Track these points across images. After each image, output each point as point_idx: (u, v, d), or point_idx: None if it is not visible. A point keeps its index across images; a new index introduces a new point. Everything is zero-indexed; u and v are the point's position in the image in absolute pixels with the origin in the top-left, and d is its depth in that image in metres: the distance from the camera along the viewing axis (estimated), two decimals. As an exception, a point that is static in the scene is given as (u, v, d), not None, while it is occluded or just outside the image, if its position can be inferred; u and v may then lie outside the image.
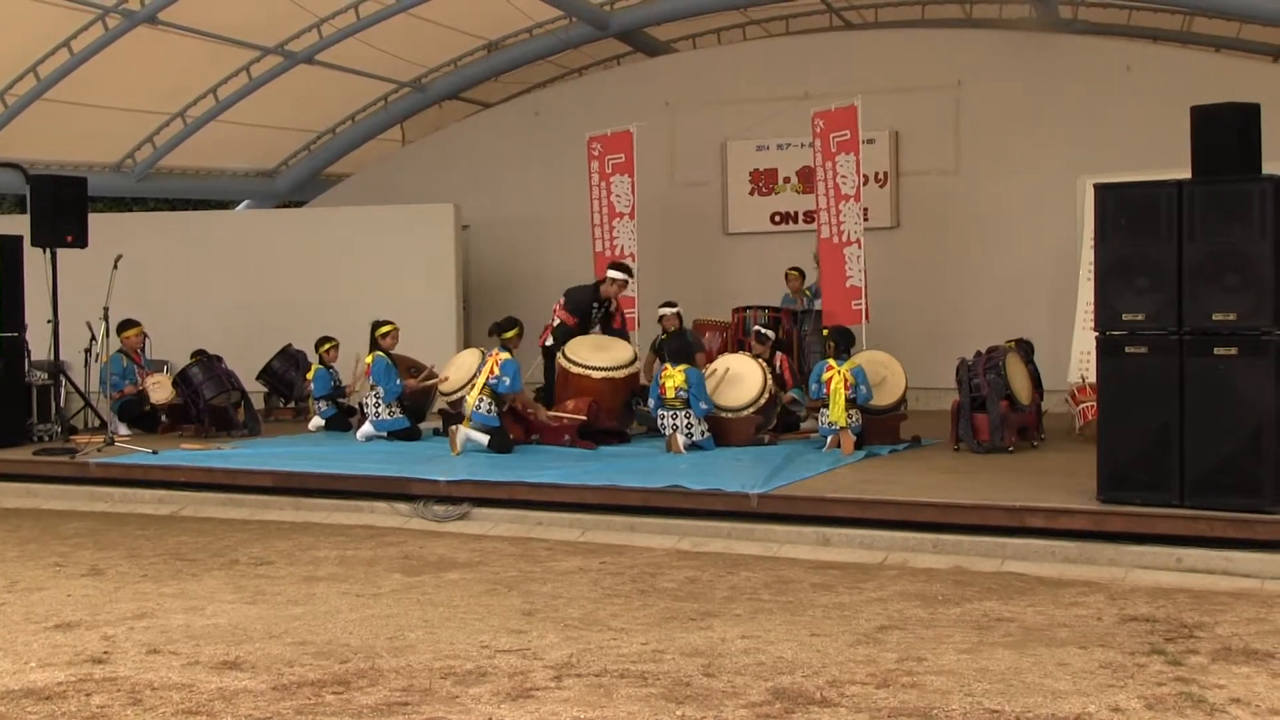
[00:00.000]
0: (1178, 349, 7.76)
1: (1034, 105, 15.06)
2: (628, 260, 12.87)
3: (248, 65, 16.07)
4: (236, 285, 16.17)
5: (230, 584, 7.57)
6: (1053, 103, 14.96)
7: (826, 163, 13.77)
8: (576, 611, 6.76)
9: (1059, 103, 14.91)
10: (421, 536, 9.11)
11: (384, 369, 12.29)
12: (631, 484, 9.38)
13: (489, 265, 17.41)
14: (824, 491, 8.90)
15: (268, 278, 16.13)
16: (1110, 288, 8.02)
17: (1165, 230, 7.80)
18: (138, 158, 17.27)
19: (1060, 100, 14.92)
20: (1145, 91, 14.35)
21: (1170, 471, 7.76)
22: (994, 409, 10.74)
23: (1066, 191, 13.16)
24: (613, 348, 12.17)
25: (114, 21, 13.99)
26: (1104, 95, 14.68)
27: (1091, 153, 14.05)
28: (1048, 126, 14.93)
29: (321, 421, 13.21)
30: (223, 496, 10.43)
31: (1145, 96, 14.28)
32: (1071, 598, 6.97)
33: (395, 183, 17.91)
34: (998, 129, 15.23)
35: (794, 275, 14.47)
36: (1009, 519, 8.13)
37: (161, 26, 14.24)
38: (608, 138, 14.97)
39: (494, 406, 11.13)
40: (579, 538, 8.95)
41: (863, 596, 7.06)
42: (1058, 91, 14.96)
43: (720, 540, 8.66)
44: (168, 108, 16.54)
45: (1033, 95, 15.09)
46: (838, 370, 10.78)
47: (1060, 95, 14.93)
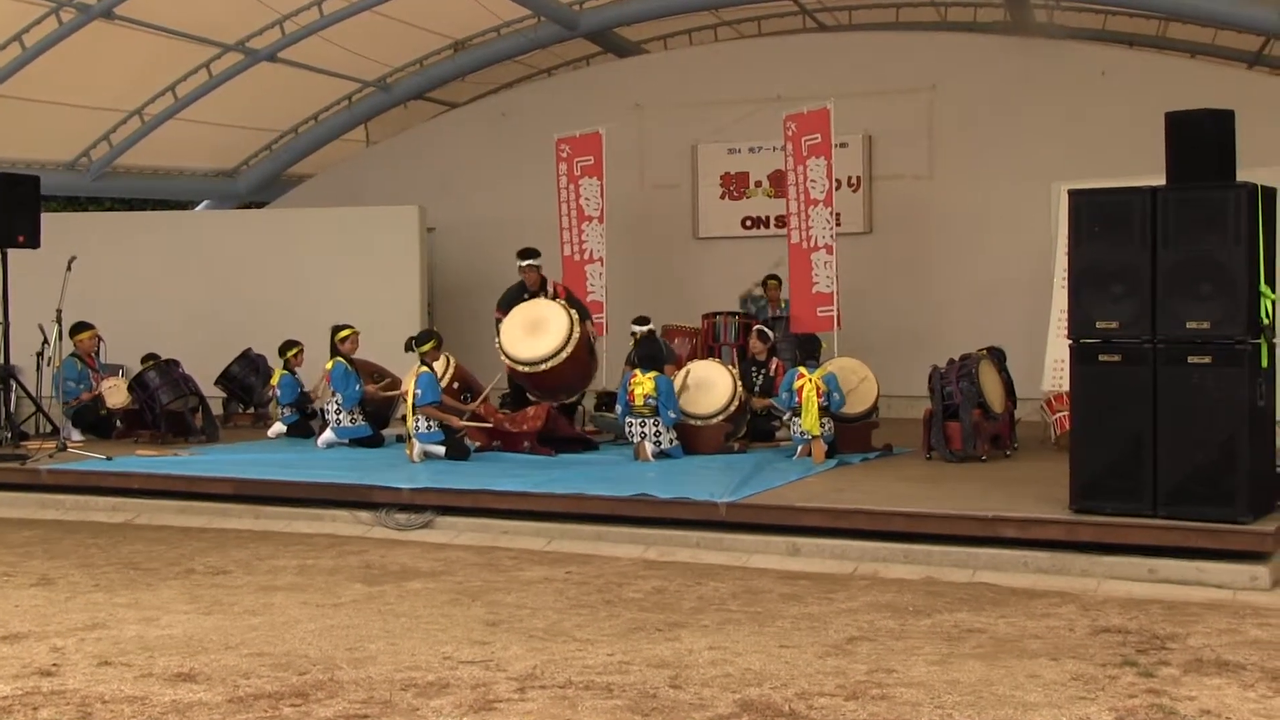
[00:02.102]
0: (1151, 357, 7.82)
1: (1009, 110, 15.14)
2: (533, 246, 12.91)
3: (208, 62, 15.99)
4: (195, 288, 16.08)
5: (186, 594, 7.53)
6: (1028, 107, 15.05)
7: (798, 166, 13.81)
8: (541, 622, 6.76)
9: (1034, 107, 15.00)
10: (383, 545, 9.09)
11: (342, 374, 12.26)
12: (598, 492, 9.38)
13: (454, 269, 17.37)
14: (794, 500, 8.92)
15: (227, 280, 16.04)
16: (1084, 295, 8.07)
17: (1139, 237, 7.86)
18: (93, 156, 17.15)
19: (1035, 105, 15.01)
20: (1120, 97, 14.44)
21: (1143, 481, 7.81)
22: (967, 417, 10.79)
23: (1041, 197, 13.22)
24: (546, 326, 11.84)
25: (68, 16, 13.89)
26: (1079, 100, 14.77)
27: (1066, 158, 14.12)
28: (1022, 131, 15.01)
29: (282, 428, 13.15)
30: (179, 504, 10.38)
31: (1120, 102, 14.37)
32: (1044, 609, 7.01)
33: (359, 184, 17.84)
34: (972, 133, 15.30)
35: (774, 285, 14.48)
36: (981, 529, 8.17)
37: (118, 21, 14.15)
38: (576, 140, 14.97)
39: (431, 423, 11.17)
40: (544, 547, 8.94)
41: (832, 607, 7.08)
42: (1033, 96, 15.04)
43: (688, 550, 8.67)
44: (125, 105, 16.44)
45: (1008, 100, 15.17)
46: (809, 378, 10.81)
47: (1035, 100, 15.02)
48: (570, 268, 14.89)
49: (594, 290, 14.78)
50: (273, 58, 15.98)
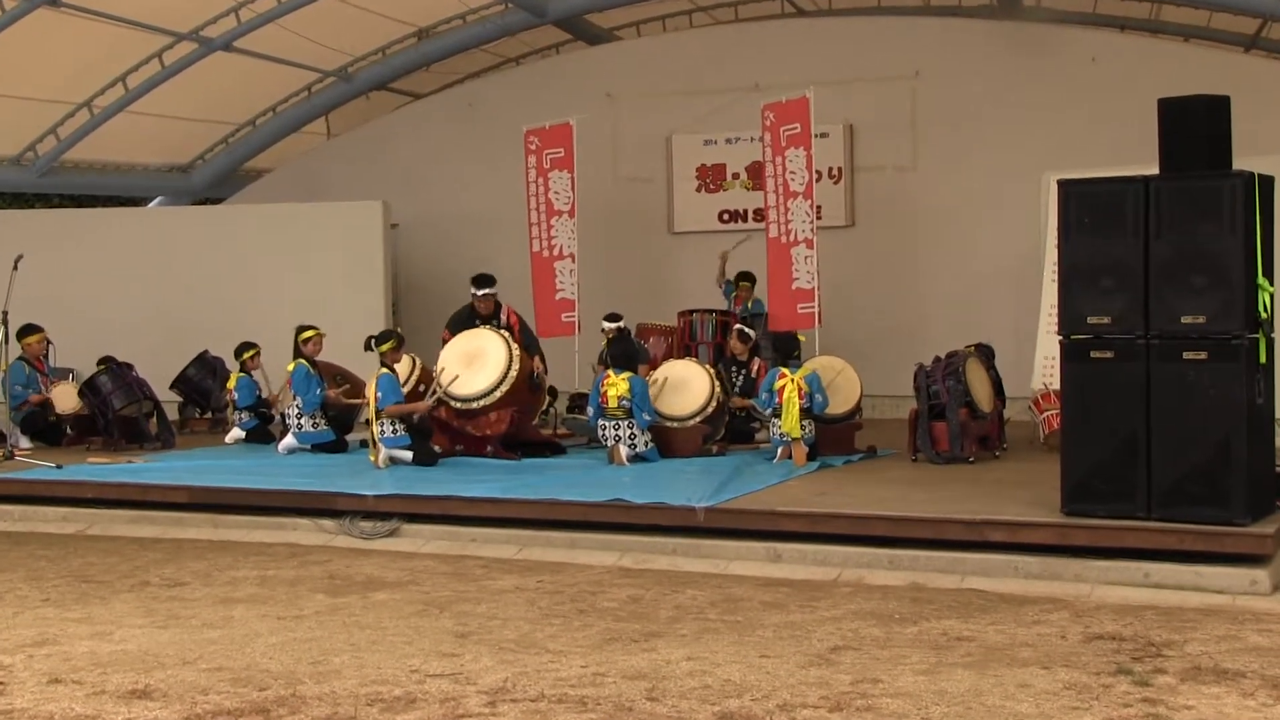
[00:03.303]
0: (1144, 353, 7.85)
1: (995, 98, 15.18)
2: (489, 273, 12.77)
3: (160, 52, 15.90)
4: (148, 288, 16.00)
5: (141, 607, 7.50)
6: (1015, 95, 15.08)
7: (776, 158, 13.82)
8: (512, 633, 6.75)
9: (1021, 95, 15.03)
10: (347, 555, 9.07)
11: (304, 377, 12.21)
12: (571, 498, 9.38)
13: (419, 266, 17.33)
14: (774, 505, 8.93)
15: (182, 280, 15.97)
16: (1074, 289, 8.10)
17: (1131, 229, 7.88)
18: (40, 151, 17.04)
19: (1023, 92, 15.04)
20: (1111, 83, 14.49)
21: (1137, 482, 7.84)
22: (953, 417, 10.81)
23: (1029, 188, 13.25)
24: (483, 358, 11.65)
25: (12, 3, 13.79)
26: (1068, 87, 14.81)
27: (1055, 148, 14.16)
28: (1010, 120, 15.04)
29: (241, 433, 13.10)
30: (133, 514, 10.33)
31: (1111, 89, 14.42)
32: (1034, 615, 7.02)
33: (319, 178, 17.78)
34: (957, 123, 15.32)
35: (745, 287, 14.43)
36: (969, 533, 8.19)
37: (65, 9, 14.06)
38: (546, 131, 14.95)
39: (398, 426, 11.14)
40: (515, 555, 8.93)
41: (815, 615, 7.09)
42: (1020, 83, 15.08)
43: (665, 557, 8.67)
44: (72, 97, 16.35)
45: (994, 87, 15.20)
46: (790, 378, 10.81)
47: (1023, 87, 15.05)
48: (540, 264, 14.88)
49: (564, 288, 14.78)
50: (228, 47, 15.91)
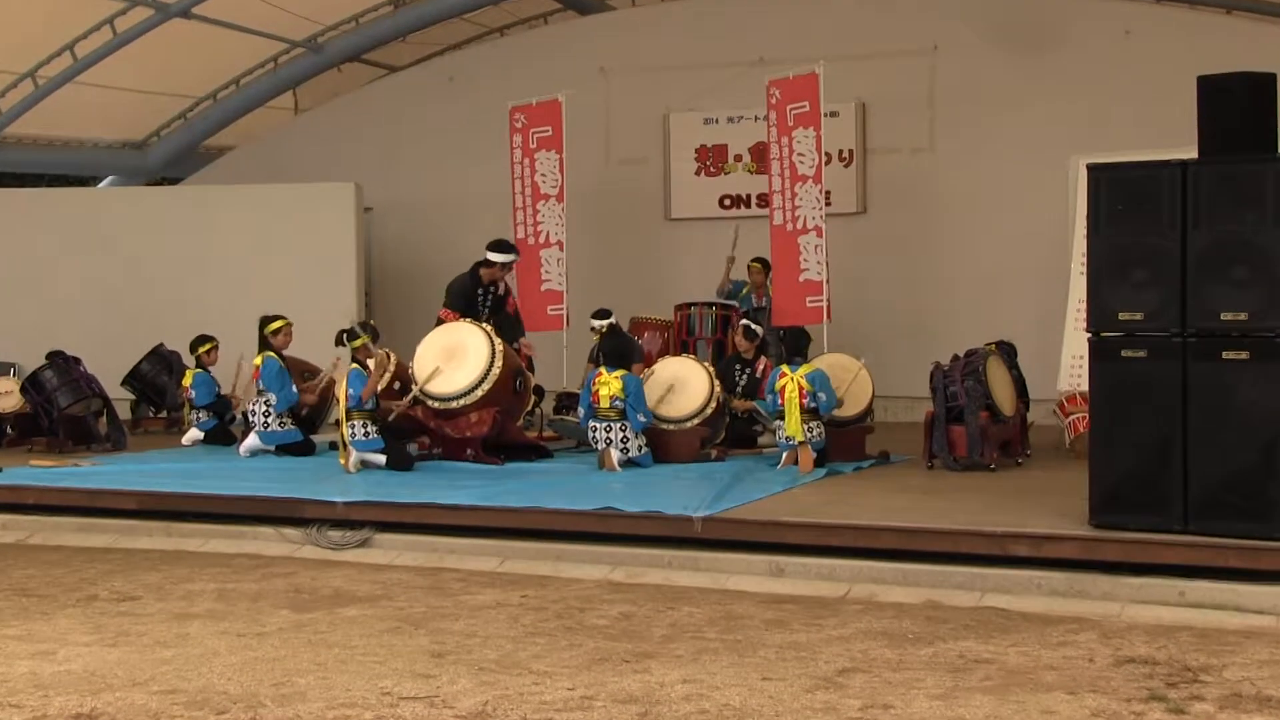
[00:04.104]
0: (1180, 352, 7.83)
1: (1020, 74, 15.16)
2: (510, 239, 12.86)
3: (111, 18, 15.85)
4: (99, 275, 15.98)
5: (87, 623, 7.48)
6: (1041, 72, 15.06)
7: (782, 138, 13.80)
8: (493, 653, 6.74)
9: (1049, 72, 15.02)
10: (315, 566, 9.06)
11: (276, 372, 12.20)
12: (558, 506, 9.38)
13: (395, 253, 17.31)
14: (778, 514, 8.92)
15: (137, 267, 15.94)
16: (1104, 283, 8.09)
17: (1167, 217, 7.87)
18: (-22, 126, 17.04)
19: (1050, 69, 15.03)
20: (1146, 59, 14.48)
21: (1172, 492, 7.83)
22: (973, 421, 10.81)
23: (1057, 173, 13.26)
24: (463, 354, 11.65)
25: (-49, -33, 13.80)
26: (1100, 63, 14.81)
27: (1085, 129, 14.16)
28: (1036, 99, 15.03)
29: (199, 434, 13.10)
30: (80, 521, 10.31)
31: (1146, 65, 14.41)
32: (1060, 636, 7.02)
33: (287, 158, 17.75)
34: (979, 101, 15.31)
35: (756, 268, 14.44)
36: (989, 546, 8.18)
37: (9, -27, 14.06)
38: (532, 108, 14.93)
39: (369, 427, 11.12)
40: (497, 567, 8.92)
41: (822, 635, 7.08)
42: (1047, 59, 15.06)
43: (659, 570, 8.66)
44: (15, 67, 16.31)
45: (1019, 63, 15.19)
46: (790, 377, 10.80)
47: (1050, 63, 15.04)
48: (525, 252, 14.82)
49: (551, 278, 14.75)
50: (186, 14, 15.86)
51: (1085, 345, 8.42)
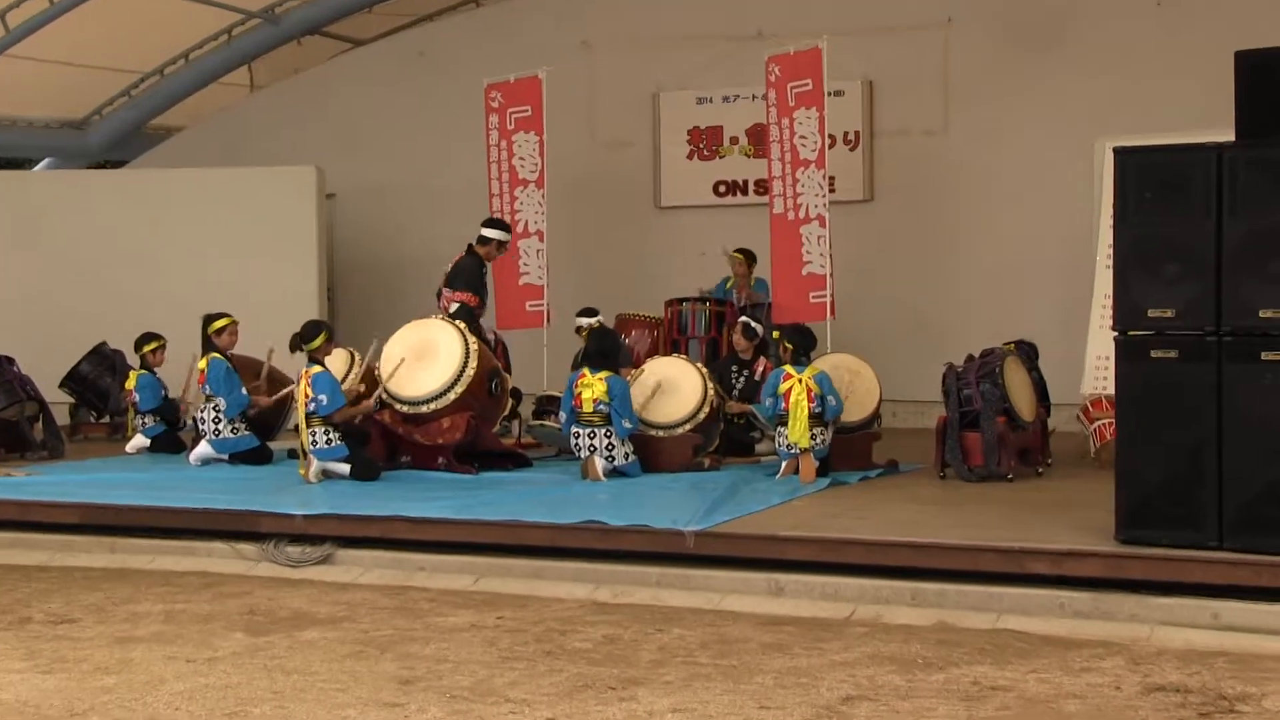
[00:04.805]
0: (1215, 352, 7.84)
1: (1042, 50, 15.19)
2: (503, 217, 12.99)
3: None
4: (34, 267, 15.97)
5: (20, 648, 7.46)
6: (1065, 47, 15.10)
7: (783, 119, 13.83)
8: (466, 679, 6.74)
9: (1073, 47, 15.06)
10: (271, 585, 9.04)
11: (224, 375, 12.16)
12: (537, 519, 9.36)
13: (360, 243, 17.32)
14: (777, 529, 8.92)
15: (76, 258, 15.94)
16: (1132, 277, 8.09)
17: (1201, 205, 7.87)
18: (-97, 103, 17.03)
19: (1074, 44, 15.07)
20: (1179, 32, 14.52)
21: (1205, 505, 7.83)
22: (989, 427, 10.82)
23: (1081, 158, 13.28)
24: (434, 353, 11.63)
25: None
26: (1128, 37, 14.84)
27: (1112, 109, 14.20)
28: (1058, 76, 15.06)
29: (145, 441, 13.09)
30: (13, 536, 10.29)
31: (1179, 39, 14.45)
32: (1083, 662, 7.03)
33: (242, 139, 17.77)
34: (996, 79, 15.35)
35: (739, 259, 14.46)
36: (1006, 563, 8.18)
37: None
38: (510, 85, 14.95)
39: (332, 434, 11.12)
40: (470, 586, 8.92)
41: (824, 660, 7.09)
42: (1071, 33, 15.10)
43: (647, 589, 8.65)
44: (-59, 38, 16.31)
45: (1040, 37, 15.22)
46: (798, 379, 10.81)
47: (1074, 37, 15.08)
48: (502, 244, 14.86)
49: (530, 271, 14.77)
50: (132, -20, 15.88)
51: (1111, 345, 8.41)
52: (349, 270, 17.30)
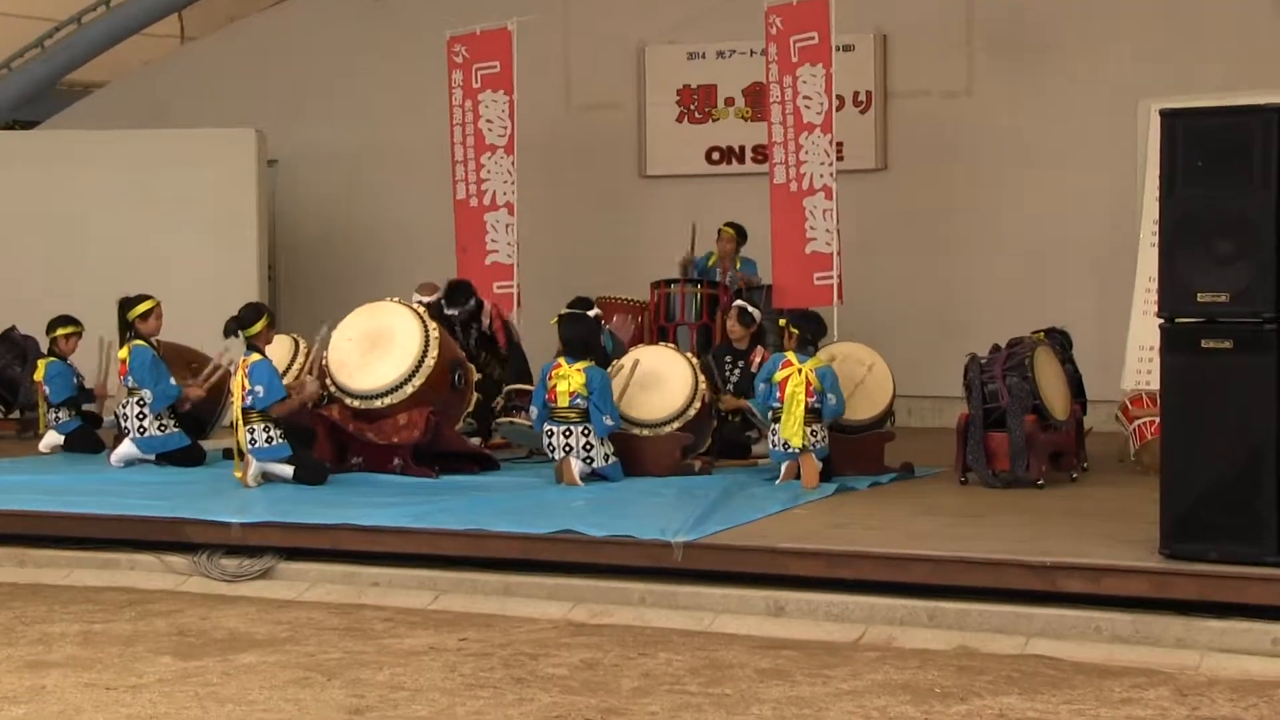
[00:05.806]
0: (1274, 342, 7.85)
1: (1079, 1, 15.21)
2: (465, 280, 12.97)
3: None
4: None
5: (-81, 672, 7.45)
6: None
7: (784, 78, 13.84)
8: (424, 709, 6.73)
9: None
10: (204, 603, 9.04)
11: (149, 364, 12.11)
12: (505, 528, 9.35)
13: (306, 215, 17.31)
14: (776, 540, 8.93)
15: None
16: (1180, 256, 8.09)
17: (1259, 175, 7.87)
18: None
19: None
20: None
21: (1263, 515, 7.83)
22: (1016, 426, 10.83)
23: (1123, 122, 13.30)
24: (389, 342, 11.58)
25: None
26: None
27: (1157, 67, 14.21)
28: (1098, 31, 15.08)
29: (59, 439, 13.06)
30: (-90, 546, 10.29)
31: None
32: (1123, 692, 7.04)
33: (171, 97, 17.75)
34: (1026, 33, 15.36)
35: (728, 234, 14.43)
36: (1036, 580, 8.19)
37: None
38: (476, 38, 14.94)
39: (273, 432, 11.10)
40: (430, 604, 8.93)
41: (829, 688, 7.09)
42: (1111, -18, 15.15)
43: (629, 608, 8.66)
44: None
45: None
46: (798, 368, 10.81)
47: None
48: (466, 216, 14.84)
49: (498, 248, 14.75)
50: (44, -85, 15.84)
51: (1156, 334, 8.43)
52: (293, 246, 17.29)
